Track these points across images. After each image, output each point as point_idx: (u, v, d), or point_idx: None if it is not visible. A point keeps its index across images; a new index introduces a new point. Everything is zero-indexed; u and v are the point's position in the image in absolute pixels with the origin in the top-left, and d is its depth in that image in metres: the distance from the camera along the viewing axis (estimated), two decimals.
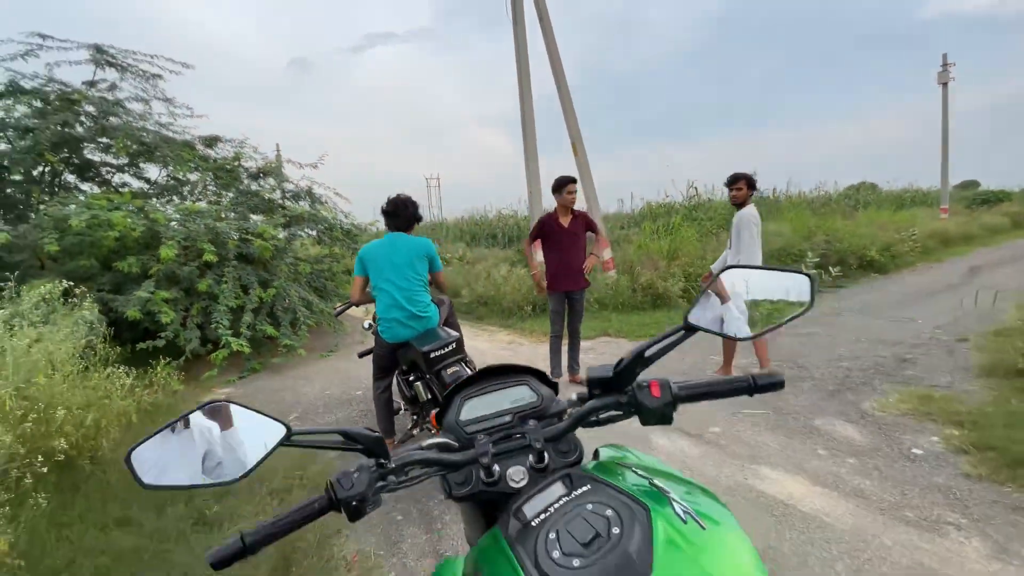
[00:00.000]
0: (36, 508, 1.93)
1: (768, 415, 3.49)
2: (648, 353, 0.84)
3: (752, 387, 0.80)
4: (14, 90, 6.11)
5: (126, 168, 7.44)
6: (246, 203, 6.57)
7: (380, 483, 0.73)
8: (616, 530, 0.61)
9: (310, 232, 6.89)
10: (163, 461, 0.61)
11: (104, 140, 6.48)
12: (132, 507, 2.43)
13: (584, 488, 0.71)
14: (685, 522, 0.61)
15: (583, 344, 5.57)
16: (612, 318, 6.87)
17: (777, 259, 8.59)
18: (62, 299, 4.07)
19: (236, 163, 7.14)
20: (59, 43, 6.56)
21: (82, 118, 6.36)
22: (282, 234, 6.16)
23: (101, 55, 6.80)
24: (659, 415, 0.82)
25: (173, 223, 5.34)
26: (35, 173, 6.35)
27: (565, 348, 4.26)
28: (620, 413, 0.87)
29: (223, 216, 5.89)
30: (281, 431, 0.65)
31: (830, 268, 8.45)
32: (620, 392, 0.86)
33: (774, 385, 0.81)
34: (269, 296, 5.42)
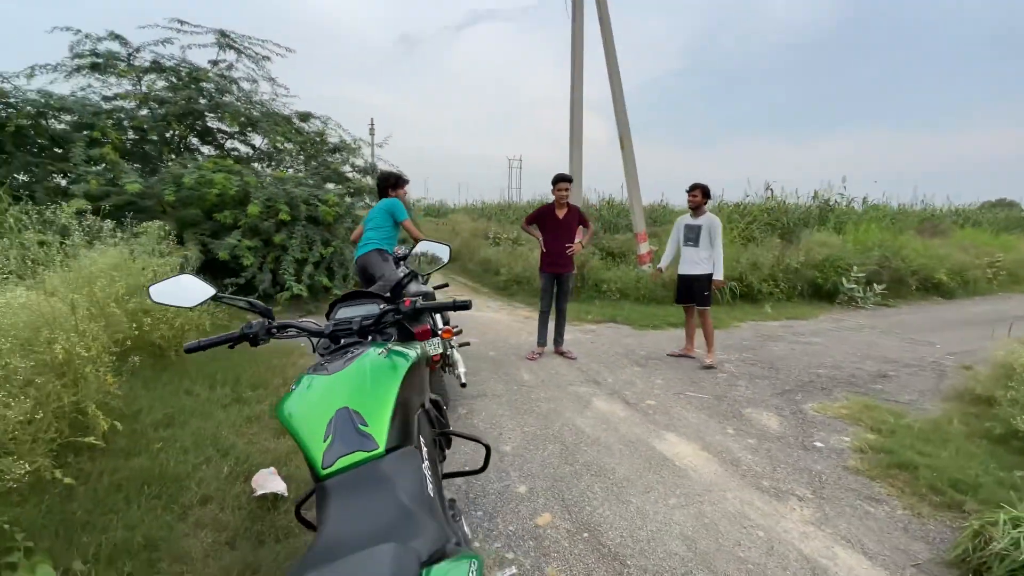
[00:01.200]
0: (133, 365, 2.98)
1: (706, 399, 3.93)
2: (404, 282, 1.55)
3: (455, 305, 1.48)
4: (156, 68, 7.64)
5: (236, 136, 8.95)
6: (322, 173, 7.73)
7: (269, 331, 1.47)
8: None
9: (370, 203, 7.95)
10: (169, 294, 1.41)
11: (218, 112, 7.90)
12: (196, 384, 3.48)
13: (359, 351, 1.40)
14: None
15: (587, 326, 6.16)
16: (626, 307, 7.31)
17: (818, 271, 8.45)
18: (174, 238, 5.36)
19: (320, 137, 8.35)
20: (192, 28, 8.04)
21: (203, 94, 7.82)
22: (347, 201, 7.22)
23: (224, 39, 8.20)
24: (409, 318, 1.51)
25: (262, 185, 6.54)
26: (167, 136, 7.93)
27: (554, 325, 4.89)
28: (399, 317, 1.56)
29: (300, 183, 7.06)
30: (211, 291, 1.41)
31: (873, 285, 8.18)
32: (395, 304, 1.55)
33: (464, 305, 1.48)
34: (328, 253, 6.52)
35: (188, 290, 1.42)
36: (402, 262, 4.19)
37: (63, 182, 6.18)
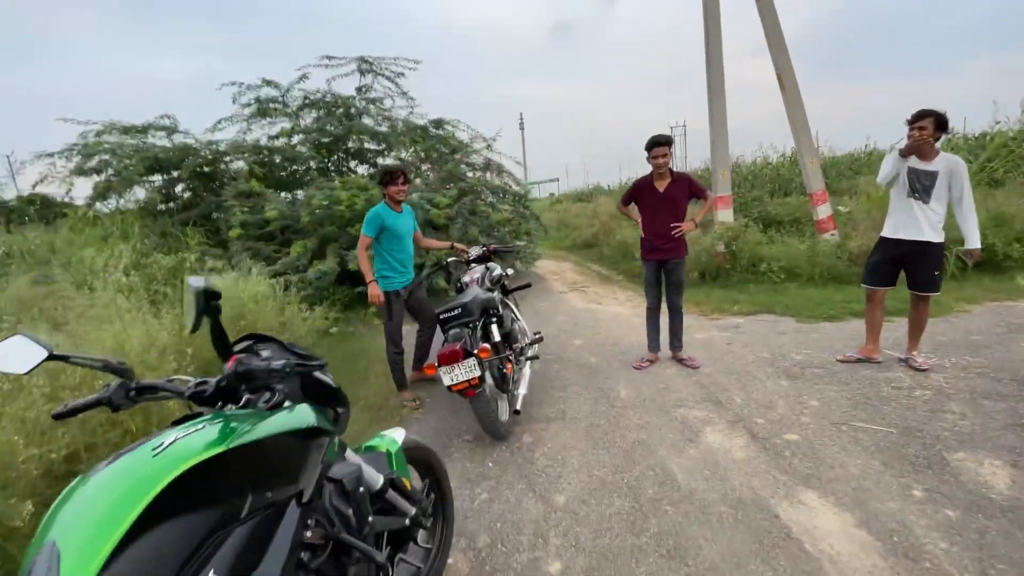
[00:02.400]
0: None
1: (886, 434, 2.70)
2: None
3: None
4: (308, 103, 8.60)
5: (384, 152, 9.67)
6: (444, 176, 7.83)
7: (127, 394, 1.16)
8: None
9: (491, 199, 7.78)
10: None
11: (355, 135, 8.58)
12: None
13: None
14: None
15: (730, 319, 5.02)
16: (790, 291, 5.78)
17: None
18: (313, 253, 5.93)
19: (445, 143, 8.50)
20: (337, 60, 8.86)
21: (348, 117, 8.55)
22: (461, 201, 7.15)
23: (364, 64, 8.88)
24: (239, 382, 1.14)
25: None
26: (326, 161, 8.92)
27: (667, 325, 3.98)
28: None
29: (421, 188, 7.22)
30: (44, 352, 1.16)
31: None
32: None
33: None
34: (442, 255, 6.53)
35: (21, 352, 1.18)
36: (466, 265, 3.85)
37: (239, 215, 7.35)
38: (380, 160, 9.62)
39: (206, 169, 7.11)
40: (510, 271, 4.84)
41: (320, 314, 4.80)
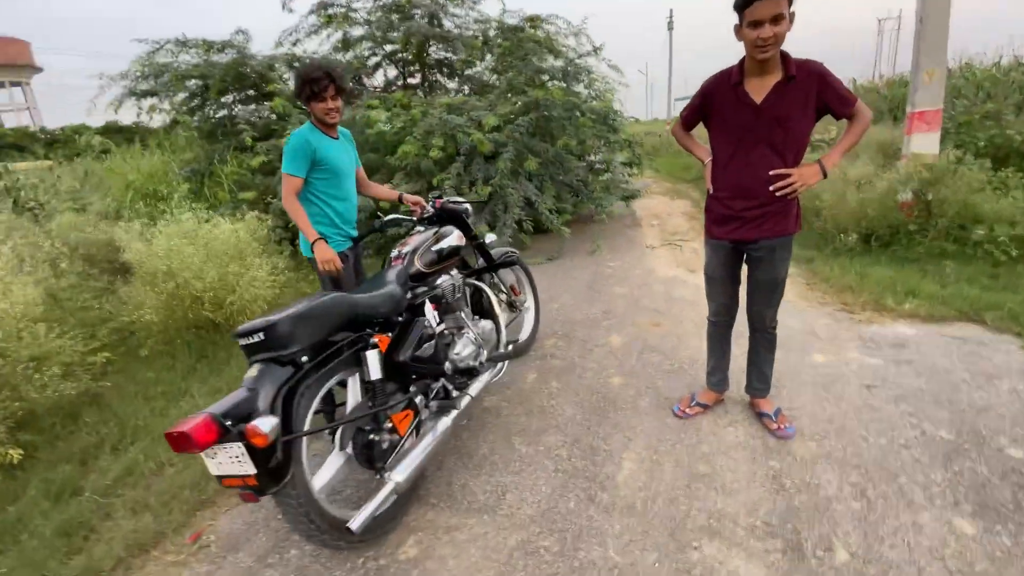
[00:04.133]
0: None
1: None
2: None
3: None
4: (379, 7, 7.36)
5: (471, 62, 8.15)
6: (506, 90, 6.16)
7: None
8: None
9: (569, 116, 5.93)
10: None
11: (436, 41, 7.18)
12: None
13: None
14: None
15: (895, 329, 3.11)
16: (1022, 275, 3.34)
17: None
18: None
19: (538, 42, 6.72)
20: None
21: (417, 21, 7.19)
22: (517, 122, 5.49)
23: None
24: None
25: (428, 119, 5.53)
26: (402, 71, 7.76)
27: (747, 353, 2.25)
28: None
29: (455, 109, 5.73)
30: None
31: None
32: None
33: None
34: (484, 193, 5.14)
35: None
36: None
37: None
38: (472, 71, 8.21)
39: (257, 89, 6.47)
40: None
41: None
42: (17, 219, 4.40)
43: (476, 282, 2.61)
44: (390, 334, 1.88)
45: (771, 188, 1.83)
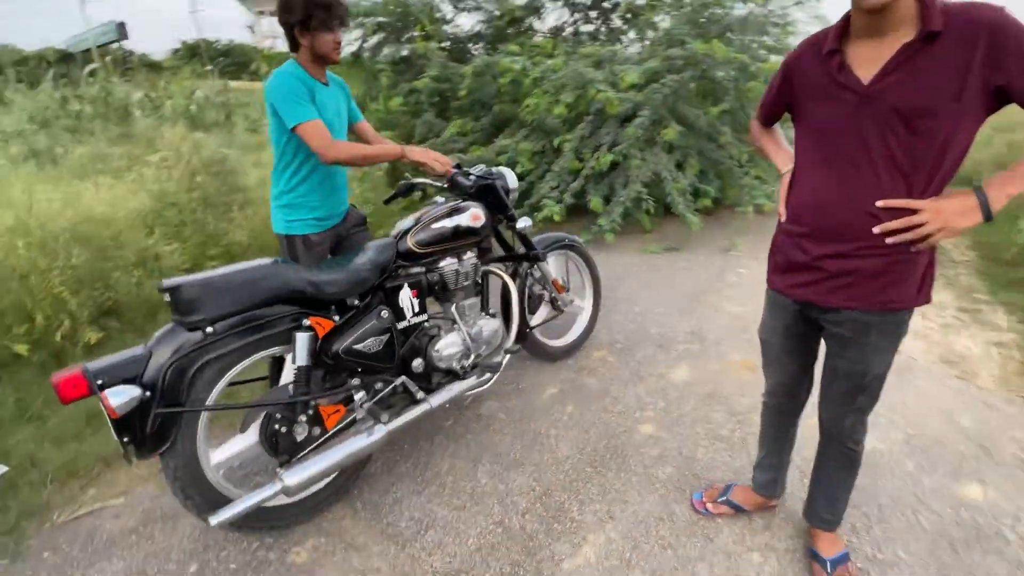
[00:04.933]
0: None
1: None
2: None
3: None
4: None
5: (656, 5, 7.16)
6: (658, 42, 5.17)
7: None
8: None
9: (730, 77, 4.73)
10: None
11: None
12: None
13: None
14: None
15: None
16: None
17: None
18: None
19: None
20: None
21: None
22: (662, 81, 4.55)
23: None
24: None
25: (565, 69, 5.00)
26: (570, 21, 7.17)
27: (814, 460, 1.50)
28: None
29: (604, 60, 4.98)
30: None
31: None
32: None
33: None
34: (605, 162, 4.47)
35: None
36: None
37: None
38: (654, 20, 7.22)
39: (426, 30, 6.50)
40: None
41: None
42: (203, 134, 5.20)
43: (497, 271, 2.22)
44: (337, 318, 1.64)
45: (876, 230, 1.07)
